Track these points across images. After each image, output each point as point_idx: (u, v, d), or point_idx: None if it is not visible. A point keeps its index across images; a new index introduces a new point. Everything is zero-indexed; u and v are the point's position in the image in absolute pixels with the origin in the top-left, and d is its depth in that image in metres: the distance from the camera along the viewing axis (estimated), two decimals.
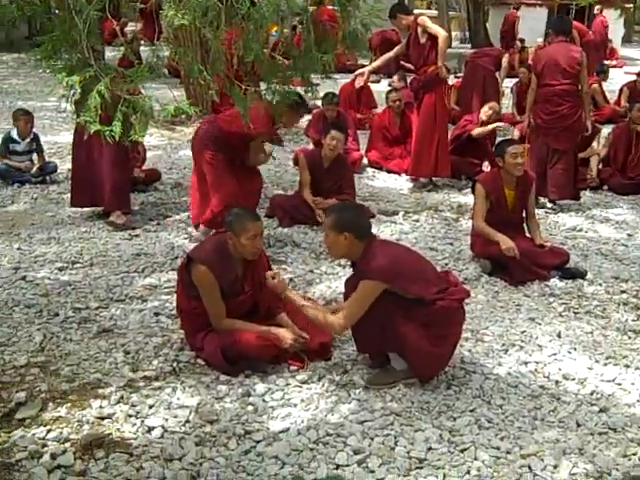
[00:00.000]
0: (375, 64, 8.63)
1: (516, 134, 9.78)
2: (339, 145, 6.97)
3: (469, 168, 8.63)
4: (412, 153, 8.37)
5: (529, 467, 3.45)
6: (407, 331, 3.94)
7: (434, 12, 27.16)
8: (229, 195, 5.88)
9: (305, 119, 11.12)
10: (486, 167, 8.54)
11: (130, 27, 18.27)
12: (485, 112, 8.71)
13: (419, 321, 3.97)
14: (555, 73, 7.51)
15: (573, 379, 4.30)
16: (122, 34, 16.83)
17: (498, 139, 8.31)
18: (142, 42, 14.59)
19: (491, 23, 25.27)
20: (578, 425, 3.84)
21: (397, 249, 4.28)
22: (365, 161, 9.32)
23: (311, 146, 8.65)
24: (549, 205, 7.70)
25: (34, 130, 8.15)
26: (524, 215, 6.05)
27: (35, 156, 8.08)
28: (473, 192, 6.07)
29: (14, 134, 7.98)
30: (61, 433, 3.54)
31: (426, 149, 8.10)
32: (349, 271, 5.35)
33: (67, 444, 3.47)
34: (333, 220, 4.12)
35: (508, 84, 12.91)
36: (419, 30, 7.79)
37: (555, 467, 3.47)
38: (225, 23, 4.05)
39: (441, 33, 7.75)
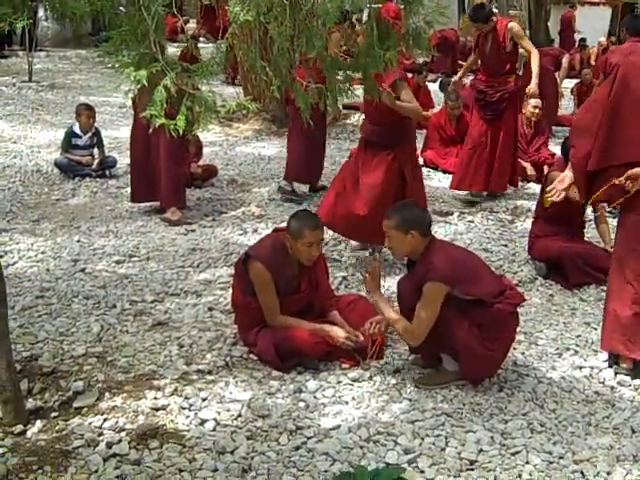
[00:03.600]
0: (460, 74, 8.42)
1: None
2: None
3: (524, 170, 8.55)
4: (495, 170, 7.78)
5: (582, 473, 3.41)
6: (461, 333, 3.92)
7: (494, 10, 26.84)
8: None
9: (360, 117, 11.15)
10: (531, 170, 8.52)
11: (191, 24, 18.49)
12: (531, 112, 8.58)
13: (474, 323, 3.94)
14: None
15: (629, 385, 4.23)
16: (183, 31, 17.03)
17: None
18: (200, 39, 14.75)
19: (553, 22, 24.87)
20: (633, 432, 3.78)
21: (456, 251, 4.25)
22: (421, 160, 9.27)
23: None
24: (608, 209, 7.55)
25: (95, 125, 8.31)
26: (591, 213, 5.96)
27: (96, 150, 8.23)
28: (542, 189, 5.94)
29: (76, 128, 8.14)
30: (117, 422, 3.62)
31: (509, 164, 7.83)
32: (402, 270, 5.35)
33: (122, 433, 3.54)
34: (398, 220, 4.06)
35: (568, 85, 12.72)
36: (508, 36, 7.44)
37: (608, 474, 3.42)
38: (289, 19, 4.07)
39: (534, 50, 7.59)
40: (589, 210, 6.04)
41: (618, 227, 4.38)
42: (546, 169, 8.54)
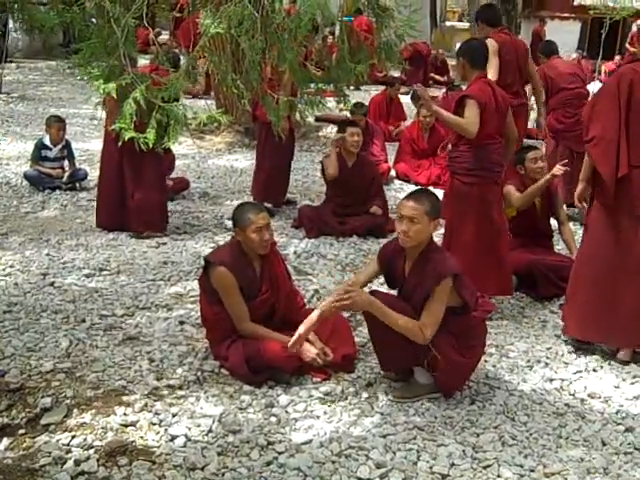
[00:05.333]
0: None
1: (544, 150, 9.70)
2: (360, 138, 7.06)
3: None
4: None
5: None
6: (438, 339, 3.91)
7: (466, 24, 27.00)
8: None
9: (333, 130, 11.18)
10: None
11: (163, 36, 18.46)
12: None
13: (450, 330, 3.95)
14: (569, 78, 7.93)
15: (599, 397, 4.25)
16: (154, 43, 17.00)
17: None
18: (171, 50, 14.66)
19: (523, 36, 25.11)
20: (603, 444, 3.80)
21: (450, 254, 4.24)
22: (393, 173, 9.31)
23: None
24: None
25: (66, 137, 8.24)
26: (556, 222, 6.03)
27: (66, 163, 8.16)
28: None
29: (46, 140, 8.07)
30: (85, 439, 3.56)
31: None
32: (375, 284, 5.34)
33: (91, 451, 3.49)
34: (430, 205, 3.95)
35: None
36: None
37: None
38: (260, 32, 4.07)
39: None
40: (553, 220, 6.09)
41: (587, 217, 4.70)
42: None
